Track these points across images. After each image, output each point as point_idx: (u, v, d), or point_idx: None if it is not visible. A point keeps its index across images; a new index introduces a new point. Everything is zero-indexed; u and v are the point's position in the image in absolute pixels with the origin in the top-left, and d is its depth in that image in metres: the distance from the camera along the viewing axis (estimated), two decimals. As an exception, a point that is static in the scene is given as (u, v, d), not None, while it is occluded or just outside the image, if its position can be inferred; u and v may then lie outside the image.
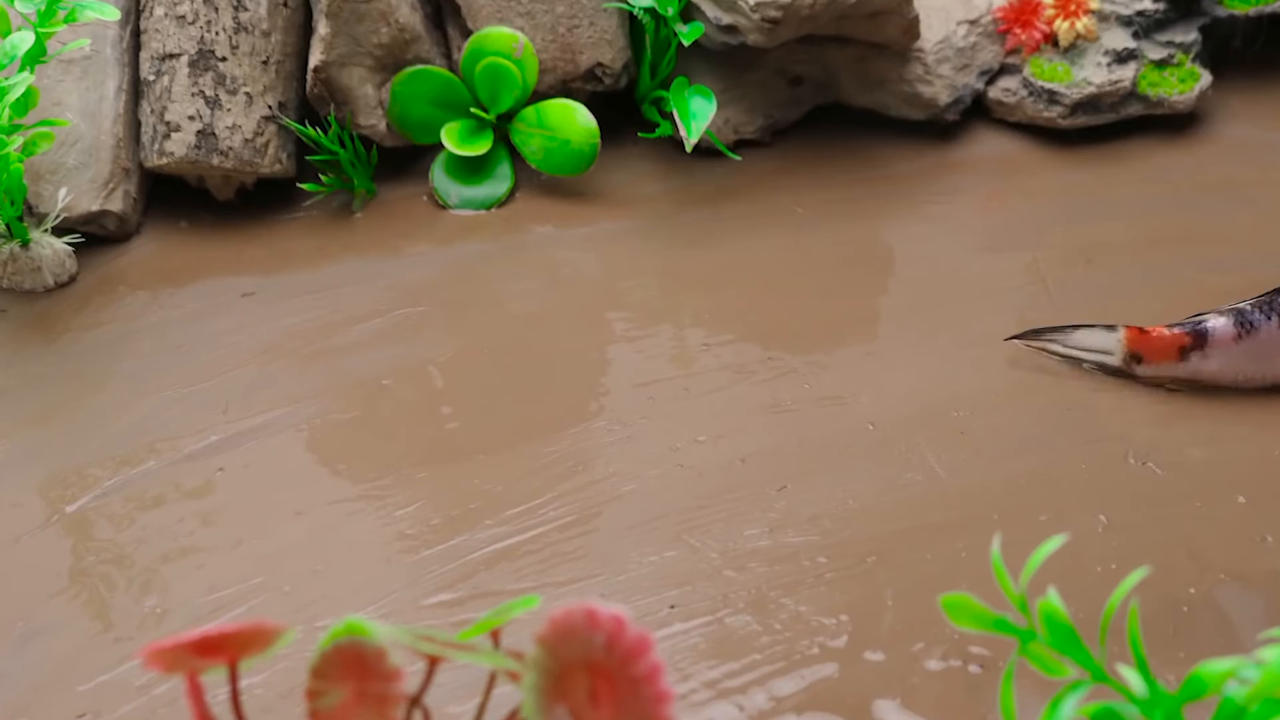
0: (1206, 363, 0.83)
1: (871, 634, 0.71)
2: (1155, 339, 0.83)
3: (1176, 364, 0.83)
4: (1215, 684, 0.48)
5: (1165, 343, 0.83)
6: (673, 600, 0.73)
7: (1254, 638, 0.70)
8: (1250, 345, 0.82)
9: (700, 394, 0.86)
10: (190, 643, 0.45)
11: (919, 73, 1.08)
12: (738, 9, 1.00)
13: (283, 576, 0.74)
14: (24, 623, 0.72)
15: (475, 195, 1.04)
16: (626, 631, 0.44)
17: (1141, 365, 0.83)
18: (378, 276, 0.97)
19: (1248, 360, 0.82)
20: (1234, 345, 0.82)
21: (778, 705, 0.67)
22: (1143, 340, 0.83)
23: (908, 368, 0.88)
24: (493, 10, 1.05)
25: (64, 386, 0.88)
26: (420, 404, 0.86)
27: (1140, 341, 0.83)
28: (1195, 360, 0.83)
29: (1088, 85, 1.08)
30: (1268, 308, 0.82)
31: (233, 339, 0.92)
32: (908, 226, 1.02)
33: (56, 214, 0.95)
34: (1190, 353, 0.82)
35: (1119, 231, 1.01)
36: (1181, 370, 0.83)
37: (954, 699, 0.67)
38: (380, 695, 0.45)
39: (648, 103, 1.08)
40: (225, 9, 1.00)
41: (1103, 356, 0.84)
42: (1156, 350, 0.83)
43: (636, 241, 1.01)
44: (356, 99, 1.03)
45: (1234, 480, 0.80)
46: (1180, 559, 0.75)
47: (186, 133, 0.98)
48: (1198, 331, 0.83)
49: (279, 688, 0.67)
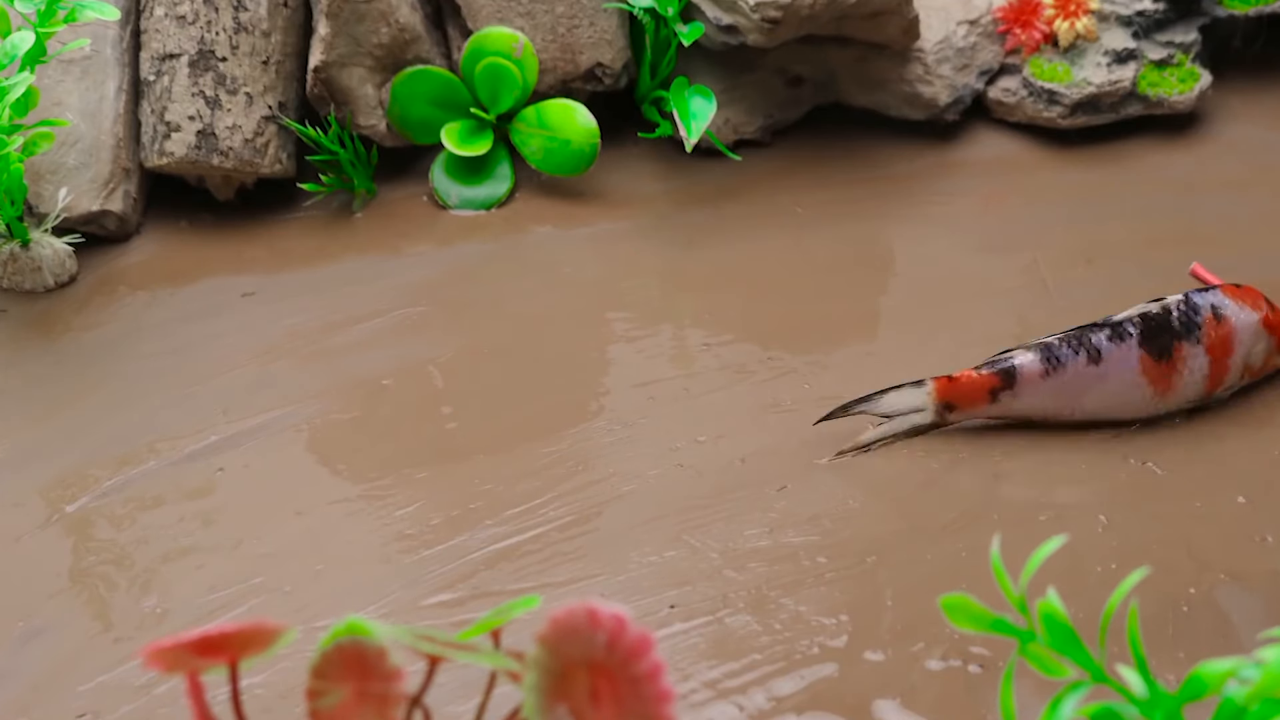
0: (1016, 401, 0.81)
1: (871, 634, 0.71)
2: (965, 384, 0.81)
3: (988, 406, 0.81)
4: (1215, 684, 0.48)
5: (975, 386, 0.81)
6: (673, 600, 0.73)
7: (1254, 638, 0.70)
8: (1058, 382, 0.81)
9: (700, 394, 0.86)
10: (190, 642, 0.45)
11: (919, 73, 1.08)
12: (738, 9, 1.00)
13: (283, 576, 0.74)
14: (24, 623, 0.72)
15: (475, 195, 1.04)
16: (628, 631, 0.44)
17: (954, 413, 0.81)
18: (378, 276, 0.97)
19: (1056, 397, 0.81)
20: (1042, 382, 0.80)
21: (778, 705, 0.67)
22: (952, 388, 0.81)
23: (908, 368, 0.88)
24: (493, 10, 1.05)
25: (64, 386, 0.88)
26: (420, 404, 0.86)
27: (950, 390, 0.81)
28: (1005, 400, 0.81)
29: (1088, 85, 1.08)
30: (1076, 343, 0.81)
31: (233, 339, 0.92)
32: (908, 226, 1.02)
33: (57, 214, 0.95)
34: (1000, 393, 0.81)
35: (1119, 231, 1.01)
36: (993, 411, 0.81)
37: (954, 699, 0.67)
38: (381, 695, 0.45)
39: (648, 103, 1.08)
40: (225, 9, 1.00)
41: (916, 416, 0.81)
42: (967, 396, 0.81)
43: (636, 241, 1.01)
44: (356, 99, 1.03)
45: (1234, 480, 0.80)
46: (1180, 559, 0.75)
47: (186, 133, 0.98)
48: (1006, 371, 0.81)
49: (279, 687, 0.67)
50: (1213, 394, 0.83)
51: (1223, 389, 0.83)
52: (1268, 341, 0.84)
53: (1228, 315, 0.83)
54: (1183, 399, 0.82)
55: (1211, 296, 0.83)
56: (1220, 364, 0.82)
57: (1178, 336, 0.81)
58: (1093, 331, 0.81)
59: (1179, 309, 0.82)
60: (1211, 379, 0.82)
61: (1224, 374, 0.83)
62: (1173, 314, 0.82)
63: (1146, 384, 0.81)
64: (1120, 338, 0.81)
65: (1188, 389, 0.82)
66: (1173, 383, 0.81)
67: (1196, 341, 0.81)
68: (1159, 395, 0.82)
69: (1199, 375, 0.82)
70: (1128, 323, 0.82)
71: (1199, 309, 0.82)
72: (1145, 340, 0.81)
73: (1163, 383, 0.81)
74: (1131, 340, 0.81)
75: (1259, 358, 0.84)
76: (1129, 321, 0.82)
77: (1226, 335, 0.82)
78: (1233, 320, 0.83)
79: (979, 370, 0.81)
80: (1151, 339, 0.81)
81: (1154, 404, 0.82)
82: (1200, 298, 0.83)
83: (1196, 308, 0.82)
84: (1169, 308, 0.82)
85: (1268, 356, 0.84)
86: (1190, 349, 0.81)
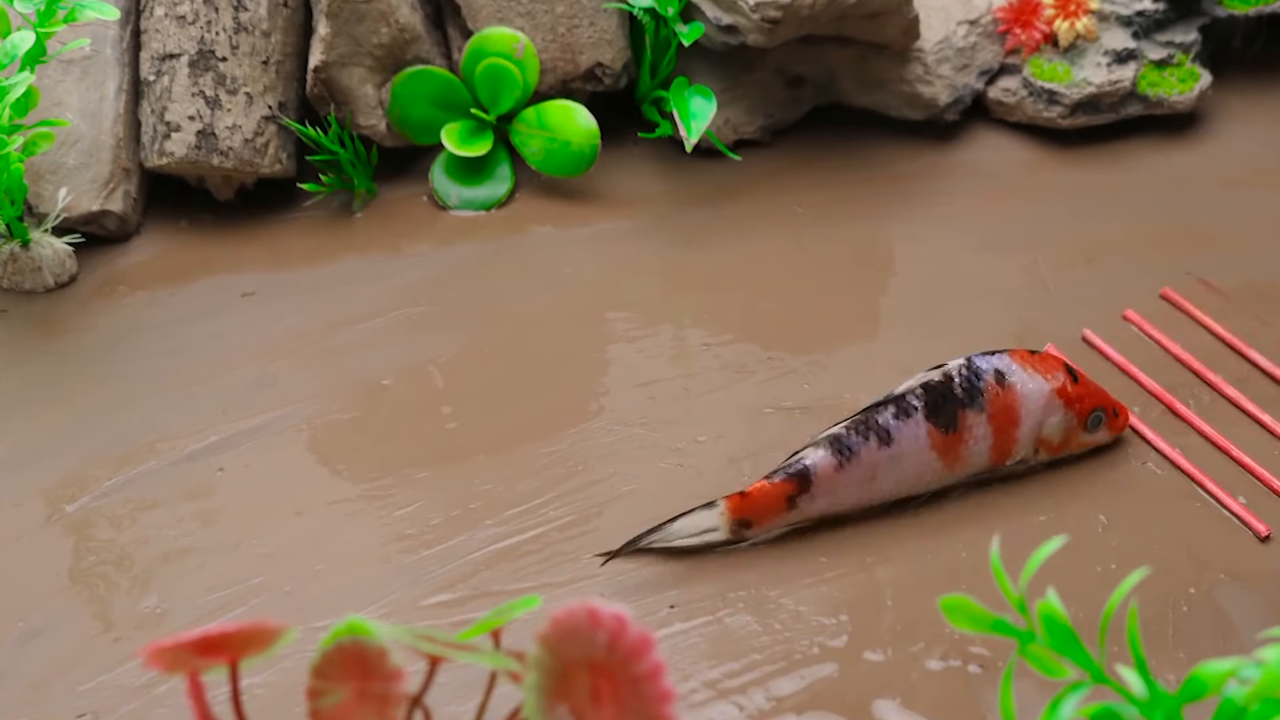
0: (816, 503, 0.76)
1: (871, 634, 0.71)
2: (759, 498, 0.75)
3: (787, 514, 0.76)
4: (1215, 684, 0.48)
5: (769, 497, 0.75)
6: (672, 600, 0.73)
7: (1254, 638, 0.70)
8: (854, 472, 0.76)
9: (700, 394, 0.86)
10: (191, 642, 0.45)
11: (919, 73, 1.08)
12: (738, 9, 1.00)
13: (283, 576, 0.74)
14: (24, 622, 0.72)
15: (475, 196, 1.04)
16: (628, 631, 0.44)
17: (752, 528, 0.76)
18: (378, 276, 0.97)
19: (854, 488, 0.76)
20: (838, 476, 0.75)
21: (778, 705, 0.67)
22: (745, 504, 0.75)
23: (907, 368, 0.88)
24: (493, 10, 1.05)
25: (64, 386, 0.88)
26: (420, 404, 0.86)
27: (744, 507, 0.75)
28: (804, 504, 0.76)
29: (1087, 85, 1.08)
30: (864, 428, 0.76)
31: (233, 339, 0.92)
32: (907, 226, 1.02)
33: (57, 214, 0.95)
34: (797, 499, 0.75)
35: (1119, 231, 1.01)
36: (793, 518, 0.76)
37: (954, 699, 0.67)
38: (381, 695, 0.45)
39: (648, 103, 1.08)
40: (225, 9, 1.00)
41: (711, 535, 0.76)
42: (762, 509, 0.75)
43: (636, 241, 1.01)
44: (356, 99, 1.03)
45: (1234, 480, 0.80)
46: (1180, 559, 0.75)
47: (186, 133, 0.98)
48: (800, 474, 0.75)
49: (280, 687, 0.67)
50: (1000, 466, 0.78)
51: (1011, 461, 0.78)
52: (1064, 415, 0.79)
53: (1013, 382, 0.78)
54: (969, 469, 0.78)
55: (997, 361, 0.78)
56: (1005, 434, 0.77)
57: (962, 405, 0.77)
58: (878, 412, 0.77)
59: (961, 374, 0.77)
60: (996, 450, 0.78)
61: (1010, 446, 0.78)
62: (955, 380, 0.77)
63: (936, 457, 0.77)
64: (906, 413, 0.76)
65: (974, 459, 0.78)
66: (960, 453, 0.77)
67: (980, 409, 0.77)
68: (948, 467, 0.77)
69: (984, 445, 0.77)
70: (911, 395, 0.77)
71: (981, 374, 0.78)
72: (931, 413, 0.76)
73: (951, 454, 0.77)
74: (918, 414, 0.76)
75: (1055, 432, 0.79)
76: (912, 394, 0.77)
77: (1011, 403, 0.77)
78: (1018, 388, 0.78)
79: (771, 479, 0.76)
80: (937, 410, 0.76)
81: (943, 476, 0.78)
82: (984, 361, 0.78)
83: (979, 372, 0.78)
84: (950, 374, 0.78)
85: (1068, 432, 0.79)
86: (974, 417, 0.77)
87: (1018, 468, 0.79)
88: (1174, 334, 0.90)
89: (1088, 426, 0.79)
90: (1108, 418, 0.80)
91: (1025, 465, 0.79)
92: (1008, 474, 0.79)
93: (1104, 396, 0.80)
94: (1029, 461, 0.79)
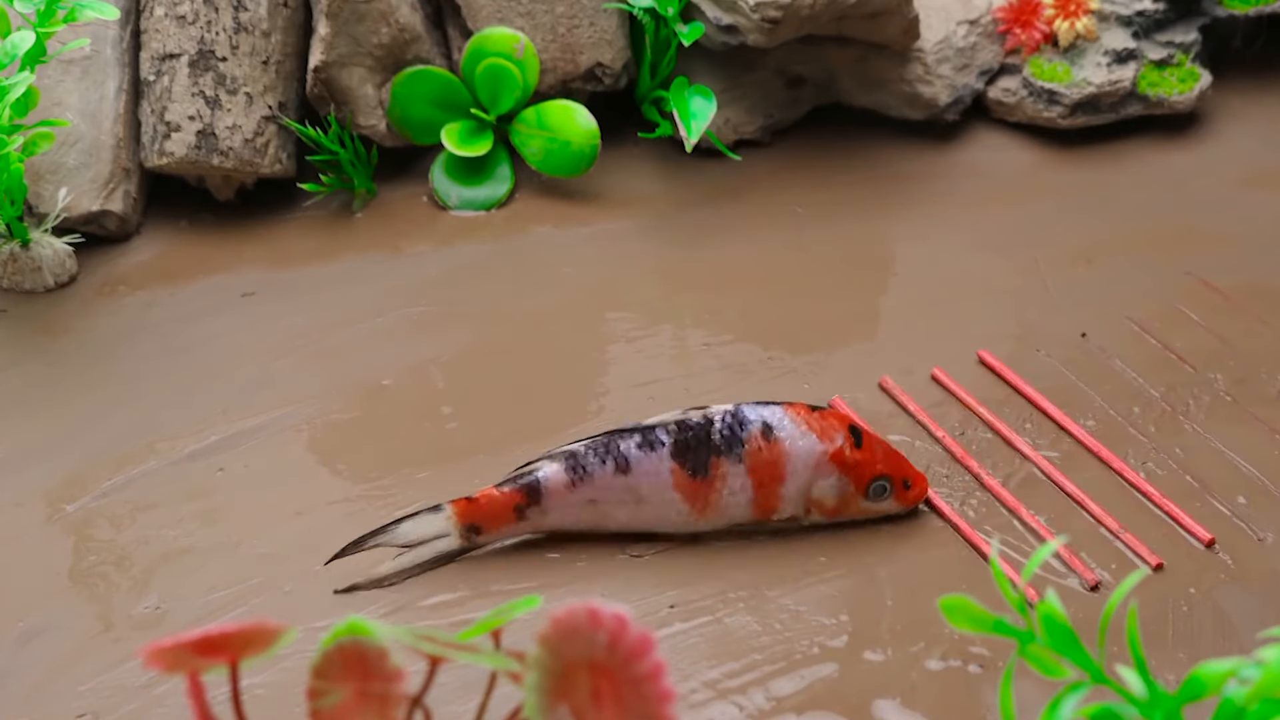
0: (546, 517, 0.74)
1: (871, 634, 0.71)
2: (486, 505, 0.74)
3: (517, 524, 0.74)
4: (1214, 684, 0.48)
5: (497, 506, 0.73)
6: (673, 600, 0.73)
7: (1254, 638, 0.70)
8: (587, 493, 0.73)
9: (700, 394, 0.86)
10: (191, 642, 0.45)
11: (919, 73, 1.08)
12: (738, 9, 1.00)
13: (283, 576, 0.74)
14: (24, 622, 0.72)
15: (475, 196, 1.04)
16: (629, 631, 0.44)
17: (482, 535, 0.74)
18: (378, 276, 0.97)
19: (586, 509, 0.74)
20: (569, 494, 0.73)
21: (778, 705, 0.67)
22: (473, 510, 0.74)
23: (907, 368, 0.88)
24: (493, 10, 1.05)
25: (64, 387, 0.88)
26: (420, 404, 0.86)
27: (471, 512, 0.74)
28: (534, 516, 0.74)
29: (1087, 85, 1.08)
30: (604, 451, 0.73)
31: (233, 339, 0.92)
32: (908, 226, 1.02)
33: (57, 214, 0.95)
34: (527, 510, 0.74)
35: (1119, 231, 1.01)
36: (523, 528, 0.74)
37: (954, 699, 0.67)
38: (382, 695, 0.45)
39: (648, 103, 1.08)
40: (225, 9, 1.00)
41: (442, 542, 0.74)
42: (489, 516, 0.74)
43: (636, 241, 1.01)
44: (356, 99, 1.03)
45: (1234, 480, 0.80)
46: (1180, 559, 0.75)
47: (186, 133, 0.98)
48: (529, 486, 0.73)
49: (280, 687, 0.67)
50: (767, 520, 0.75)
51: (779, 516, 0.75)
52: (840, 479, 0.74)
53: (781, 437, 0.74)
54: (727, 519, 0.75)
55: (766, 412, 0.74)
56: (768, 490, 0.74)
57: (717, 451, 0.73)
58: (623, 438, 0.74)
59: (723, 421, 0.74)
60: (758, 504, 0.74)
61: (774, 502, 0.74)
62: (714, 425, 0.74)
63: (680, 499, 0.74)
64: (651, 446, 0.73)
65: (731, 509, 0.74)
66: (711, 501, 0.74)
67: (739, 460, 0.73)
68: (697, 513, 0.74)
69: (743, 497, 0.74)
70: (661, 430, 0.74)
71: (747, 424, 0.74)
72: (678, 453, 0.73)
73: (699, 500, 0.74)
74: (663, 450, 0.73)
75: (829, 495, 0.75)
76: (663, 428, 0.74)
77: (776, 459, 0.74)
78: (785, 444, 0.74)
79: (500, 487, 0.74)
80: (685, 452, 0.73)
81: (692, 521, 0.75)
82: (752, 411, 0.74)
83: (744, 422, 0.74)
84: (712, 418, 0.74)
85: (844, 498, 0.75)
86: (731, 467, 0.73)
87: (789, 524, 0.76)
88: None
89: (869, 495, 0.75)
90: (894, 488, 0.75)
91: (798, 523, 0.76)
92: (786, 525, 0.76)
93: (895, 464, 0.75)
94: (800, 520, 0.76)
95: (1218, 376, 0.87)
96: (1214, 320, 0.92)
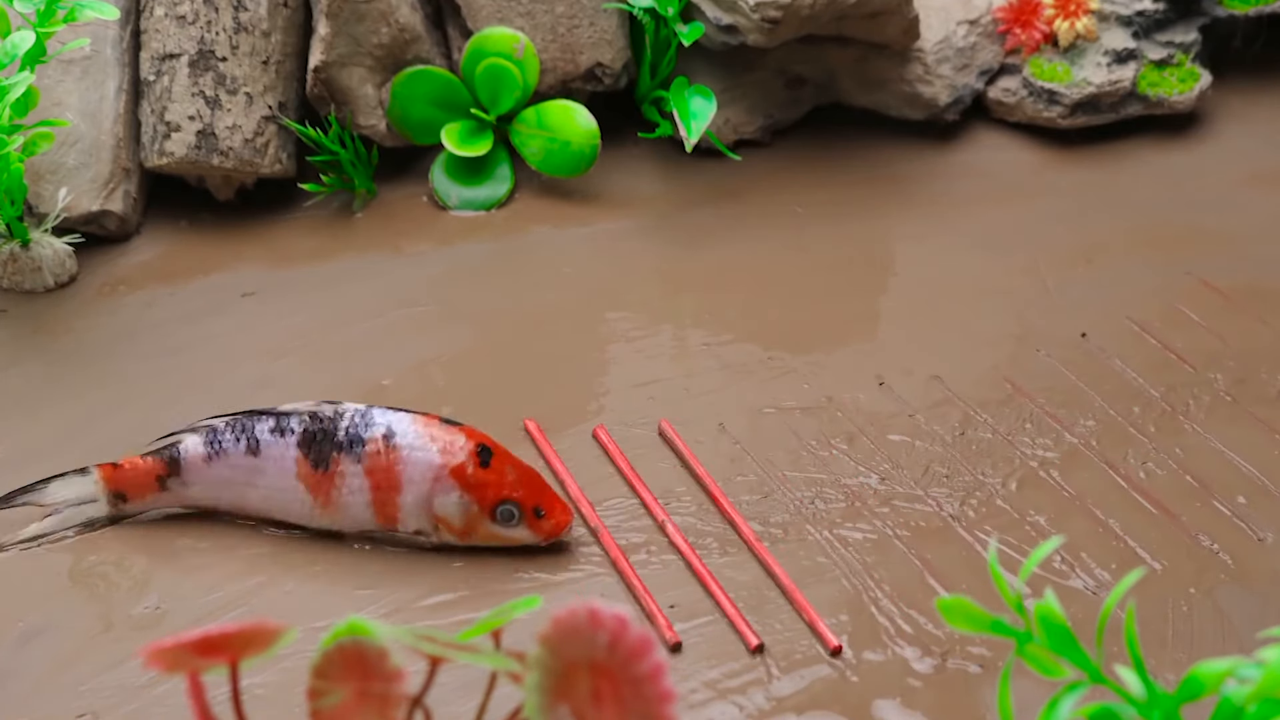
0: (188, 490, 0.74)
1: (871, 634, 0.71)
2: (130, 472, 0.74)
3: (160, 494, 0.74)
4: (1212, 684, 0.48)
5: (141, 474, 0.74)
6: (673, 600, 0.73)
7: (1254, 638, 0.70)
8: (222, 470, 0.73)
9: (700, 394, 0.87)
10: (190, 642, 0.45)
11: (919, 73, 1.08)
12: (738, 9, 1.00)
13: (283, 576, 0.74)
14: (24, 622, 0.72)
15: (475, 196, 1.04)
16: (629, 631, 0.44)
17: (129, 503, 0.74)
18: (378, 276, 0.97)
19: (223, 487, 0.74)
20: (206, 469, 0.73)
21: (778, 705, 0.67)
22: (118, 476, 0.74)
23: (907, 367, 0.88)
24: (493, 10, 1.05)
25: (64, 387, 0.88)
26: (420, 404, 0.86)
27: (116, 478, 0.74)
28: (176, 488, 0.74)
29: (1087, 85, 1.08)
30: (240, 430, 0.73)
31: (233, 339, 0.92)
32: (908, 226, 1.02)
33: (57, 214, 0.95)
34: (169, 480, 0.74)
35: (1119, 231, 1.01)
36: (166, 500, 0.74)
37: (954, 699, 0.67)
38: (382, 695, 0.45)
39: (648, 103, 1.08)
40: (225, 9, 1.00)
41: (89, 508, 0.74)
42: (134, 484, 0.74)
43: (636, 241, 1.01)
44: (356, 99, 1.03)
45: (1234, 480, 0.80)
46: (1180, 559, 0.75)
47: (186, 133, 0.98)
48: (171, 458, 0.74)
49: (280, 687, 0.67)
50: (394, 531, 0.74)
51: (405, 530, 0.74)
52: (461, 498, 0.73)
53: (399, 445, 0.73)
54: (350, 520, 0.74)
55: (394, 417, 0.73)
56: (385, 496, 0.73)
57: (339, 448, 0.73)
58: (259, 419, 0.74)
59: (351, 418, 0.73)
60: (378, 510, 0.73)
61: (393, 511, 0.73)
62: (342, 421, 0.73)
63: (305, 491, 0.73)
64: (281, 432, 0.73)
65: (352, 510, 0.73)
66: (333, 497, 0.73)
67: (358, 459, 0.73)
68: (321, 508, 0.74)
69: (360, 499, 0.73)
70: (294, 417, 0.73)
71: (372, 424, 0.73)
72: (304, 443, 0.73)
73: (322, 495, 0.73)
74: (292, 438, 0.73)
75: (453, 514, 0.73)
76: (295, 416, 0.74)
77: (392, 465, 0.73)
78: (403, 453, 0.73)
79: (145, 456, 0.74)
80: (312, 443, 0.73)
81: (317, 516, 0.74)
82: (381, 415, 0.73)
83: (370, 424, 0.73)
84: (342, 413, 0.74)
85: (470, 519, 0.73)
86: (350, 465, 0.73)
87: (422, 540, 0.74)
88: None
89: (496, 518, 0.73)
90: (525, 515, 0.73)
91: (431, 541, 0.74)
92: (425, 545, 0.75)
93: (530, 491, 0.73)
94: (430, 537, 0.74)
95: (1218, 376, 0.88)
96: (1214, 320, 0.92)
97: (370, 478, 0.73)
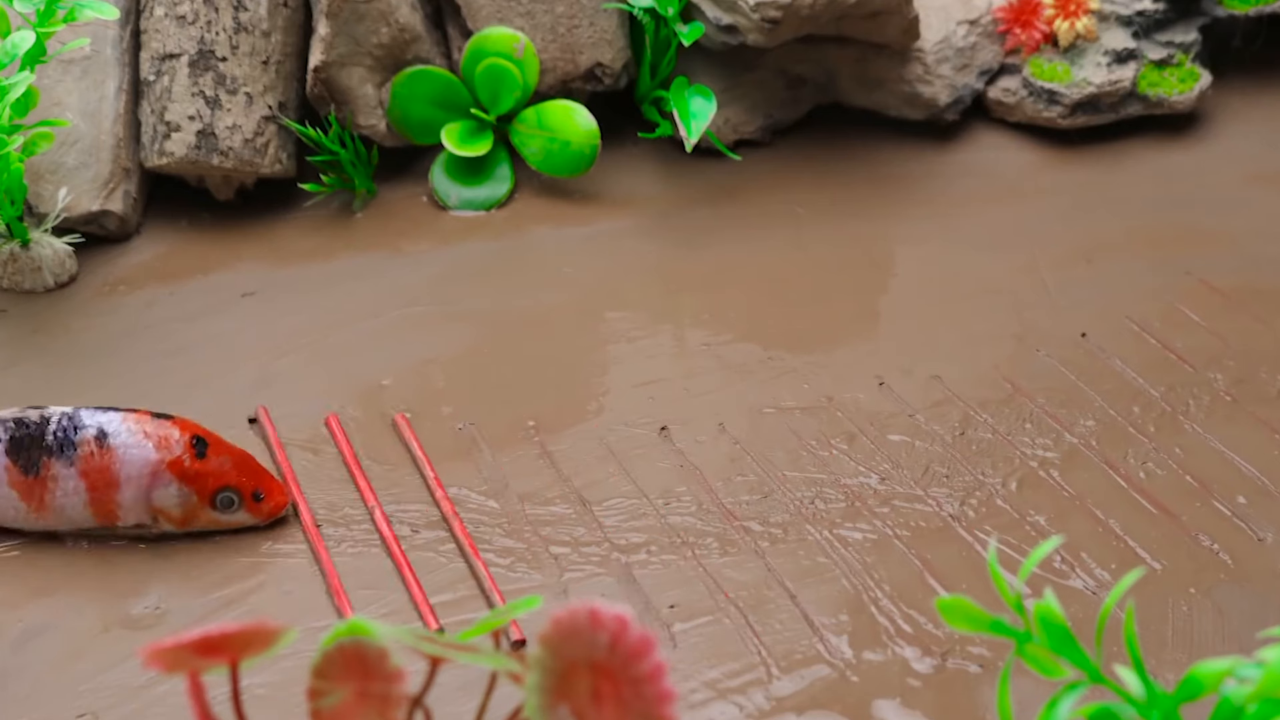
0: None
1: (871, 634, 0.71)
2: None
3: None
4: (1212, 684, 0.48)
5: None
6: (673, 600, 0.73)
7: (1254, 638, 0.70)
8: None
9: (700, 394, 0.87)
10: (190, 642, 0.45)
11: (919, 73, 1.08)
12: (738, 9, 1.00)
13: (283, 576, 0.74)
14: (24, 622, 0.72)
15: (475, 196, 1.04)
16: (630, 631, 0.44)
17: None
18: (378, 276, 0.97)
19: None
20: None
21: (778, 705, 0.67)
22: None
23: (907, 367, 0.88)
24: (493, 10, 1.05)
25: (64, 386, 0.88)
26: (420, 404, 0.86)
27: None
28: None
29: (1087, 85, 1.08)
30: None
31: (233, 339, 0.92)
32: (907, 226, 1.02)
33: (57, 214, 0.95)
34: None
35: (1119, 231, 1.01)
36: None
37: (953, 699, 0.67)
38: (382, 695, 0.45)
39: (648, 103, 1.08)
40: (225, 9, 1.00)
41: None
42: None
43: (636, 241, 1.01)
44: (356, 99, 1.03)
45: (1234, 480, 0.80)
46: (1180, 559, 0.75)
47: (186, 133, 0.98)
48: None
49: (280, 687, 0.67)
50: (112, 527, 0.74)
51: (124, 524, 0.74)
52: (180, 489, 0.74)
53: (114, 445, 0.73)
54: (67, 521, 0.74)
55: (104, 418, 0.74)
56: (103, 495, 0.73)
57: (49, 453, 0.73)
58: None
59: (59, 423, 0.73)
60: (95, 510, 0.74)
61: (112, 508, 0.74)
62: (49, 427, 0.73)
63: (16, 496, 0.73)
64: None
65: (68, 512, 0.73)
66: (46, 501, 0.73)
67: (70, 463, 0.73)
68: (35, 512, 0.73)
69: (77, 500, 0.73)
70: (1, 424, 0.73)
71: (81, 427, 0.73)
72: (12, 450, 0.73)
73: (35, 499, 0.73)
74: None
75: (172, 505, 0.74)
76: (2, 425, 0.73)
77: (108, 465, 0.73)
78: (119, 452, 0.73)
79: None
80: (20, 449, 0.73)
81: (32, 519, 0.74)
82: (90, 417, 0.74)
83: (79, 426, 0.73)
84: (48, 418, 0.73)
85: (190, 508, 0.74)
86: (62, 468, 0.73)
87: (144, 532, 0.75)
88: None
89: (216, 505, 0.74)
90: (244, 500, 0.75)
91: (151, 533, 0.75)
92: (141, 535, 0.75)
93: (247, 477, 0.75)
94: (151, 529, 0.75)
95: (1218, 376, 0.88)
96: (1214, 320, 0.92)
97: (85, 479, 0.73)
